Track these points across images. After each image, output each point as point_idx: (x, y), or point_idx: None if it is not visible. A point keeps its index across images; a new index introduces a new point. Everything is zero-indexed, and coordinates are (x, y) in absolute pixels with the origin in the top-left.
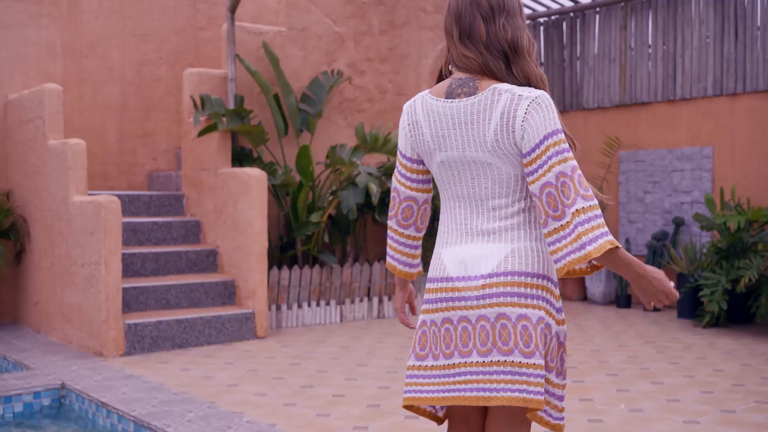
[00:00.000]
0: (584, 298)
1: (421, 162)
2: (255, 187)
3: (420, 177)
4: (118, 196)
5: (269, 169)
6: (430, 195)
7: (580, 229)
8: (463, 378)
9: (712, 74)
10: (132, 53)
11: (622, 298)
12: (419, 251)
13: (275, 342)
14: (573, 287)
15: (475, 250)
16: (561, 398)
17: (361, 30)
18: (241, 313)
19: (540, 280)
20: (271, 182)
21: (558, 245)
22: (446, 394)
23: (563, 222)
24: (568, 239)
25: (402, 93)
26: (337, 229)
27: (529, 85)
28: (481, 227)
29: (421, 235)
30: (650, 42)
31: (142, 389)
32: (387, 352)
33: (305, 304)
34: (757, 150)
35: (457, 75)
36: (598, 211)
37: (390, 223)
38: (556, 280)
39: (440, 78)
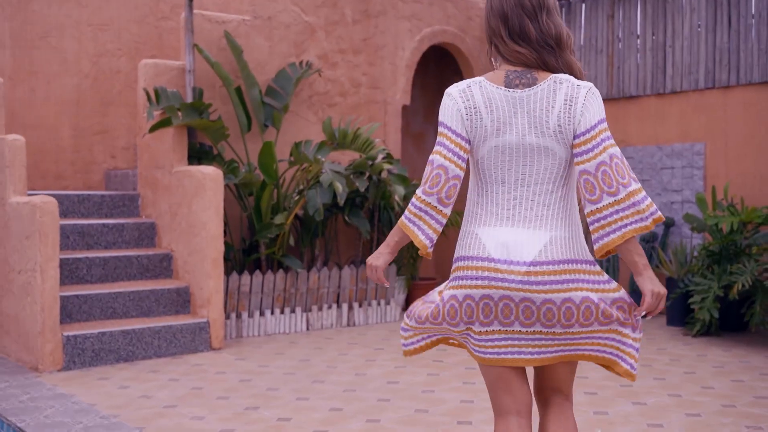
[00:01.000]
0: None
1: (468, 141)
2: (210, 187)
3: (461, 153)
4: (67, 196)
5: (230, 167)
6: (462, 173)
7: (642, 204)
8: (536, 342)
9: (703, 66)
10: (88, 44)
11: None
12: (438, 227)
13: (230, 354)
14: None
15: (517, 235)
16: (638, 350)
17: (332, 19)
18: (194, 322)
19: (575, 264)
20: (230, 181)
21: (614, 217)
22: (521, 357)
23: (618, 197)
24: (628, 212)
25: (377, 86)
26: (306, 231)
27: (573, 75)
28: (524, 213)
29: (444, 211)
30: (638, 32)
31: (68, 412)
32: (348, 366)
33: (268, 312)
34: (752, 146)
35: (511, 68)
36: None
37: (417, 191)
38: (590, 258)
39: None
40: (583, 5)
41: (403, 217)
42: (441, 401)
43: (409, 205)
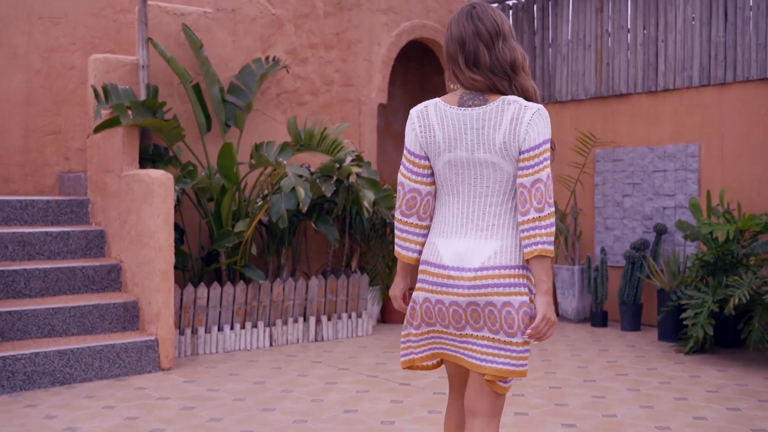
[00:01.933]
0: (556, 314)
1: (427, 158)
2: (158, 193)
3: (424, 171)
4: (8, 201)
5: (186, 170)
6: (433, 188)
7: (552, 228)
8: (467, 345)
9: (698, 61)
10: (39, 38)
11: (597, 316)
12: (423, 239)
13: (180, 375)
14: None
15: (469, 244)
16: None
17: (302, 12)
18: (141, 340)
19: (520, 270)
20: (185, 185)
21: (534, 232)
22: (455, 353)
23: (542, 214)
24: (543, 231)
25: (351, 84)
26: (272, 239)
27: (527, 97)
28: (476, 223)
29: (425, 224)
30: (629, 26)
31: None
32: (305, 391)
33: (227, 327)
34: (749, 147)
35: (466, 91)
36: None
37: (395, 213)
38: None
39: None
40: None
41: (395, 245)
42: None
43: (396, 231)
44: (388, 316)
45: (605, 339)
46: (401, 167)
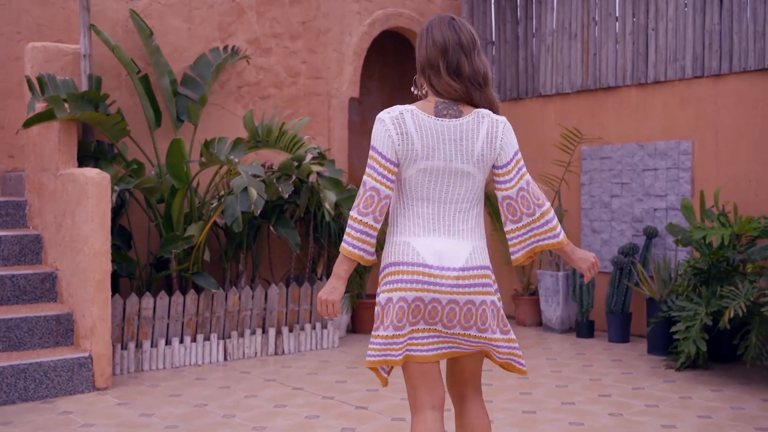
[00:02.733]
0: (539, 323)
1: (397, 165)
2: (93, 194)
3: (390, 176)
4: None
5: (133, 168)
6: (392, 192)
7: (551, 223)
8: (453, 340)
9: (691, 51)
10: None
11: (583, 326)
12: (374, 242)
13: (115, 396)
14: (527, 311)
15: (447, 245)
16: (519, 348)
17: None
18: (74, 358)
19: (490, 271)
20: (128, 185)
21: (532, 233)
22: (439, 351)
23: (534, 217)
24: (541, 230)
25: (319, 76)
26: (231, 244)
27: (492, 109)
28: (447, 227)
29: (377, 227)
30: (617, 13)
31: None
32: (249, 415)
33: (176, 341)
34: (746, 144)
35: (439, 99)
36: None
37: (352, 212)
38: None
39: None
40: None
41: (345, 244)
42: None
43: (348, 229)
44: (360, 325)
45: (590, 352)
46: (369, 169)
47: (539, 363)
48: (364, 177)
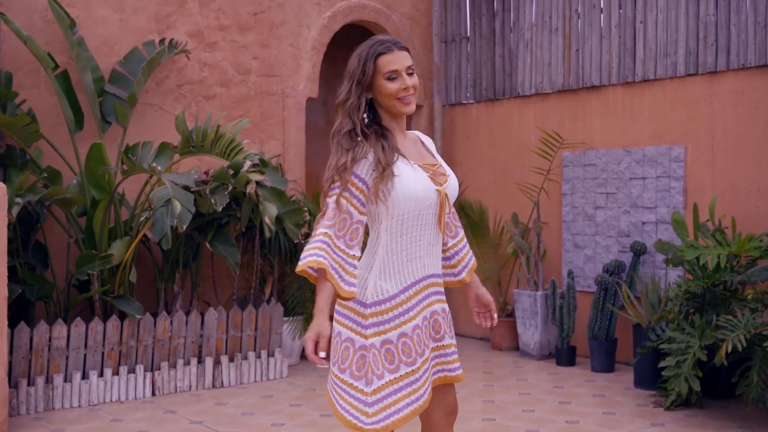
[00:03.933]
0: (516, 347)
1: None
2: None
3: (365, 202)
4: None
5: (49, 176)
6: (364, 218)
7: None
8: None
9: (684, 46)
10: None
11: (563, 352)
12: (355, 270)
13: None
14: (503, 334)
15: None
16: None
17: None
18: None
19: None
20: (32, 199)
21: (467, 248)
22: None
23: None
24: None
25: (273, 74)
26: (166, 263)
27: None
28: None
29: (352, 254)
30: (602, 4)
31: None
32: None
33: (94, 374)
34: (745, 150)
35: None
36: None
37: (325, 230)
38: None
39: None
40: None
41: (318, 257)
42: None
43: (325, 248)
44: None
45: (570, 384)
46: (344, 192)
47: (510, 399)
48: (337, 197)
